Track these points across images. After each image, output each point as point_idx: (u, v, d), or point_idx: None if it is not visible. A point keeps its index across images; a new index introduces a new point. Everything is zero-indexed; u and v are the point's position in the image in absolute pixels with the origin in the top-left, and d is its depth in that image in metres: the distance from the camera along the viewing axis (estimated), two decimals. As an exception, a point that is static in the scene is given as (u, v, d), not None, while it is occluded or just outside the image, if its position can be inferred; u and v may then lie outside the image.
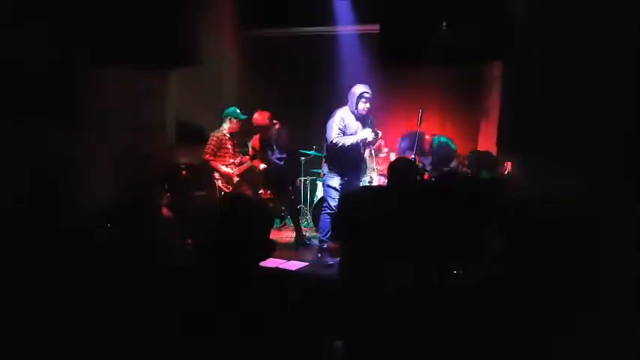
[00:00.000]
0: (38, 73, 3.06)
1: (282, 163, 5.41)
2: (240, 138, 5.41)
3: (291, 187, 5.69)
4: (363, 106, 4.80)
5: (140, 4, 3.53)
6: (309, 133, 5.72)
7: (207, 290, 1.50)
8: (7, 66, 2.88)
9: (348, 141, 4.75)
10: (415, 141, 4.82)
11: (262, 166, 5.33)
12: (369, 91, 4.82)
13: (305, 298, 1.67)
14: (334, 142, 4.74)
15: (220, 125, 5.17)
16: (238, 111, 5.16)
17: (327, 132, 4.80)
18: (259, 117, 5.34)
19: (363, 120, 4.92)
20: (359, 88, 4.81)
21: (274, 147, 5.40)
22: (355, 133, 4.83)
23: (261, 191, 5.44)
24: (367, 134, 4.82)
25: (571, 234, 1.54)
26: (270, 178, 5.40)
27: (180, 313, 1.46)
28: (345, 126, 4.80)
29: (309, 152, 6.28)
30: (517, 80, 3.71)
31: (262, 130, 5.35)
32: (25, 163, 2.98)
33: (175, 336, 1.42)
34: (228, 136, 5.12)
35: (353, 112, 4.83)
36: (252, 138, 5.49)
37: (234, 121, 5.13)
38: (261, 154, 5.34)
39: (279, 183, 5.43)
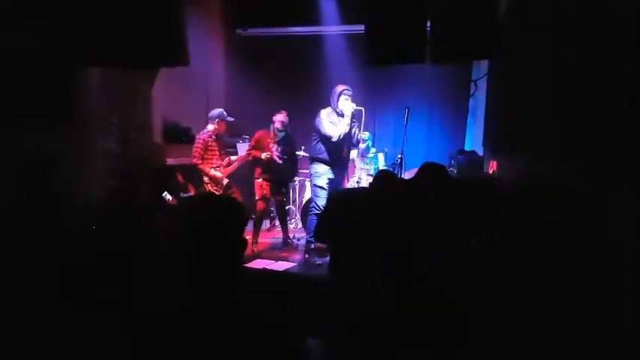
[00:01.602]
0: (25, 74, 3.03)
1: (281, 162, 5.40)
2: (225, 140, 5.39)
3: (284, 189, 5.68)
4: (344, 103, 4.81)
5: (126, 4, 3.51)
6: (295, 133, 5.71)
7: (187, 291, 1.49)
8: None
9: (340, 128, 4.77)
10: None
11: (265, 155, 5.30)
12: (349, 88, 4.86)
13: (290, 299, 1.66)
14: (329, 133, 4.76)
15: (205, 127, 5.14)
16: (225, 113, 5.15)
17: (324, 131, 4.79)
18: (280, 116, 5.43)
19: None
20: (339, 87, 4.87)
21: (279, 145, 5.40)
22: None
23: (262, 192, 5.43)
24: (348, 106, 4.80)
25: (559, 232, 1.54)
26: (268, 172, 5.40)
27: (163, 313, 1.45)
28: (333, 122, 4.82)
29: (300, 153, 6.27)
30: (503, 79, 3.74)
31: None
32: (11, 165, 2.95)
33: (159, 337, 1.41)
34: (214, 137, 5.10)
35: (335, 111, 4.85)
36: (260, 131, 5.49)
37: (221, 122, 5.11)
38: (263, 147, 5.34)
39: (275, 181, 5.43)
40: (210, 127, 5.09)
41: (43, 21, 3.11)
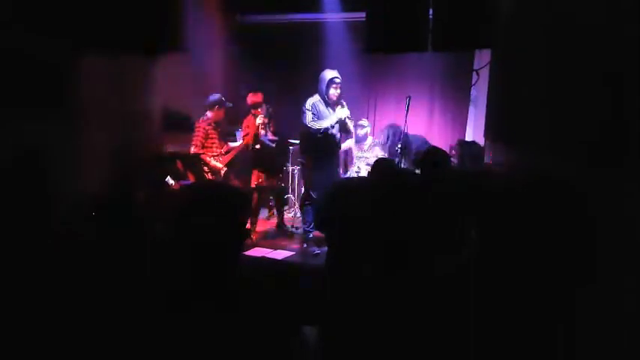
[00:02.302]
0: (19, 62, 2.99)
1: (274, 145, 5.37)
2: (224, 127, 5.36)
3: (281, 174, 5.67)
4: (334, 92, 4.73)
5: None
6: (294, 121, 5.67)
7: (184, 278, 1.47)
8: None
9: (324, 124, 4.69)
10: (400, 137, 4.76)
11: (259, 119, 5.25)
12: (338, 76, 4.76)
13: (287, 287, 1.65)
14: (309, 125, 4.69)
15: (204, 114, 5.09)
16: (223, 99, 5.10)
17: (302, 118, 4.75)
18: (253, 96, 5.33)
19: (335, 107, 4.87)
20: (328, 74, 4.76)
21: (267, 129, 5.36)
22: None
23: (258, 179, 5.39)
24: (342, 113, 4.75)
25: (557, 224, 1.52)
26: (261, 160, 5.36)
27: (162, 307, 1.44)
28: (317, 112, 4.74)
29: (296, 141, 6.24)
30: (505, 68, 3.69)
31: (256, 108, 5.31)
32: (7, 154, 2.92)
33: (155, 325, 1.40)
34: (214, 125, 5.06)
35: (323, 99, 4.77)
36: (245, 119, 5.42)
37: (219, 110, 5.06)
38: (254, 135, 5.29)
39: (269, 166, 5.40)
40: (209, 114, 5.03)
41: (39, 10, 3.06)
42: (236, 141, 5.67)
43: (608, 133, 1.78)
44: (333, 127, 4.72)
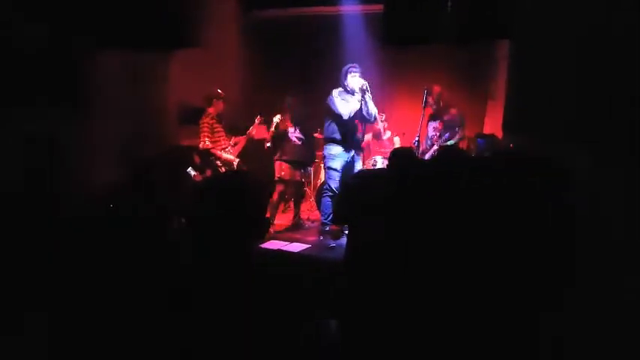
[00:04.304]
0: (39, 58, 3.04)
1: (300, 142, 5.39)
2: (229, 119, 5.39)
3: (302, 170, 5.68)
4: (352, 80, 4.78)
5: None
6: (313, 115, 5.67)
7: (200, 267, 1.49)
8: (8, 51, 2.86)
9: (345, 110, 4.74)
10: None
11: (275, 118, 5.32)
12: (355, 65, 4.83)
13: (304, 281, 1.66)
14: (348, 113, 4.75)
15: (206, 110, 5.12)
16: (220, 91, 5.12)
17: (336, 109, 4.78)
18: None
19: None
20: (347, 65, 4.86)
21: (295, 126, 5.38)
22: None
23: (280, 172, 5.42)
24: (354, 82, 4.80)
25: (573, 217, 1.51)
26: (286, 152, 5.39)
27: (172, 290, 1.45)
28: (343, 100, 4.80)
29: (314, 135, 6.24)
30: (524, 61, 3.65)
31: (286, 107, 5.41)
32: (24, 149, 2.97)
33: (165, 312, 1.42)
34: (217, 118, 5.10)
35: (345, 89, 4.83)
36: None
37: (218, 102, 5.09)
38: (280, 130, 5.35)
39: (294, 158, 5.42)
40: (210, 109, 5.08)
41: (55, 5, 3.10)
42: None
43: (617, 132, 1.76)
44: (351, 114, 4.74)
